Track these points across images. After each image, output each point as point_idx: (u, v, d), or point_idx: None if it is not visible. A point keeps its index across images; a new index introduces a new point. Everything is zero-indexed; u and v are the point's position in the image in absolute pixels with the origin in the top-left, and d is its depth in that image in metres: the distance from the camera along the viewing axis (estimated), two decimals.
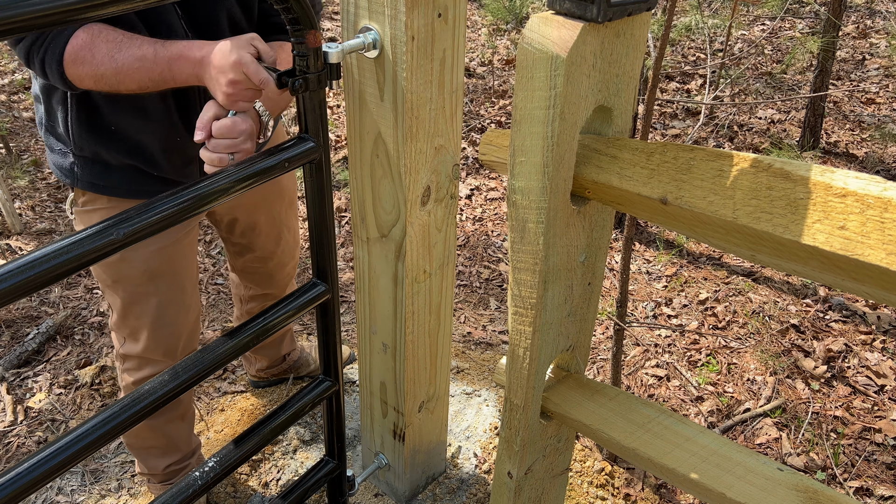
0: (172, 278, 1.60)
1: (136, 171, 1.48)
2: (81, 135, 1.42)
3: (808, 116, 3.92)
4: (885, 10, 5.96)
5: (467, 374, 2.41)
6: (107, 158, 1.45)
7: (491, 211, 3.62)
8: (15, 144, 4.23)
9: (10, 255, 3.20)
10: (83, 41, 1.24)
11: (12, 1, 0.71)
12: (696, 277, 3.04)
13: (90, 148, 1.43)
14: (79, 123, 1.40)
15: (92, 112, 1.40)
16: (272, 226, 1.86)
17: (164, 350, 1.66)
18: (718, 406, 2.38)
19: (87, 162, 1.46)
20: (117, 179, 1.47)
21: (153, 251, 1.53)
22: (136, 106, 1.39)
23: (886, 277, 0.74)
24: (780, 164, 0.82)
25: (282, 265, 1.97)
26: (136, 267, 1.54)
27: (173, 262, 1.59)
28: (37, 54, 1.25)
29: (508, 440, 1.27)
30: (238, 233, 1.83)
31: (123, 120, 1.41)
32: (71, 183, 1.49)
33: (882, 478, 2.10)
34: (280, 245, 1.91)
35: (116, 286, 1.56)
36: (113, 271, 1.54)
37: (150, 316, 1.60)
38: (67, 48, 1.24)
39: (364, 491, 1.94)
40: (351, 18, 1.25)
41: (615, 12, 0.88)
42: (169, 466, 1.86)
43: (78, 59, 1.24)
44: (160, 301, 1.59)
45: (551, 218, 1.02)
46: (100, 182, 1.47)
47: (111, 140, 1.43)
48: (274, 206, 1.83)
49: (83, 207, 1.53)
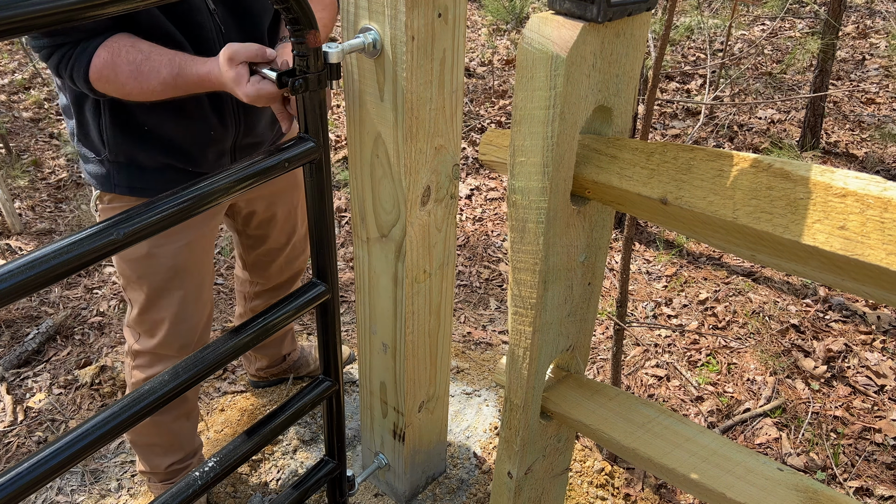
0: (196, 273, 1.63)
1: (172, 169, 1.51)
2: (116, 139, 1.45)
3: (808, 116, 3.92)
4: (884, 10, 5.96)
5: (467, 374, 2.41)
6: (142, 160, 1.48)
7: (491, 211, 3.62)
8: (15, 144, 4.23)
9: (10, 255, 3.20)
10: (104, 61, 1.28)
11: (12, 1, 0.71)
12: (696, 277, 3.04)
13: (125, 152, 1.46)
14: (113, 127, 1.44)
15: (125, 115, 1.43)
16: (288, 217, 1.89)
17: (181, 345, 1.68)
18: (718, 406, 2.38)
19: (123, 167, 1.49)
20: (152, 180, 1.51)
21: (181, 246, 1.56)
22: (169, 105, 1.41)
23: (886, 277, 0.74)
24: (780, 164, 0.82)
25: (293, 258, 2.00)
26: (163, 263, 1.56)
27: (197, 257, 1.62)
28: (65, 71, 1.31)
29: (508, 440, 1.27)
30: (254, 225, 1.86)
31: (157, 119, 1.44)
32: (109, 189, 1.52)
33: (882, 478, 2.10)
34: (293, 237, 1.95)
35: (142, 281, 1.58)
36: (140, 267, 1.56)
37: (172, 310, 1.62)
38: (91, 69, 1.28)
39: (364, 491, 1.94)
40: (351, 18, 1.25)
41: (615, 12, 0.88)
42: (171, 465, 1.86)
43: (102, 78, 1.29)
44: (183, 296, 1.62)
45: (551, 218, 1.02)
46: (137, 185, 1.51)
47: (146, 140, 1.46)
48: (292, 197, 1.86)
49: (109, 204, 1.55)
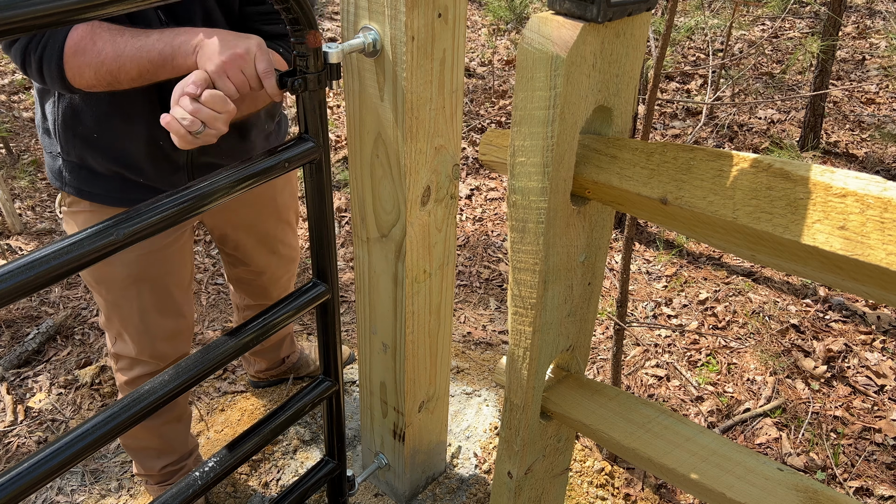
0: (156, 284, 1.58)
1: (122, 178, 1.46)
2: (67, 139, 1.41)
3: (808, 116, 3.92)
4: (885, 10, 5.96)
5: (467, 374, 2.41)
6: (93, 164, 1.44)
7: (491, 211, 3.62)
8: (15, 144, 4.23)
9: (10, 255, 3.20)
10: (83, 32, 1.23)
11: (12, 1, 0.71)
12: (696, 277, 3.04)
13: (76, 153, 1.43)
14: (64, 128, 1.40)
15: (75, 118, 1.38)
16: (262, 243, 1.83)
17: (150, 353, 1.65)
18: (718, 406, 2.38)
19: (75, 167, 1.45)
20: (102, 186, 1.46)
21: (135, 256, 1.52)
22: (120, 111, 1.37)
23: (886, 277, 0.73)
24: (780, 164, 0.82)
25: (276, 279, 1.95)
26: (117, 271, 1.53)
27: (157, 268, 1.57)
28: (34, 52, 1.23)
29: (508, 440, 1.27)
30: (230, 246, 1.82)
31: (106, 125, 1.39)
32: (60, 186, 1.48)
33: (882, 478, 2.10)
34: (273, 260, 1.89)
35: (100, 288, 1.56)
36: (96, 273, 1.54)
37: (133, 320, 1.59)
38: (68, 41, 1.22)
39: (364, 491, 1.94)
40: (351, 18, 1.25)
41: (615, 12, 0.88)
42: (165, 467, 1.86)
43: (79, 49, 1.22)
44: (142, 306, 1.58)
45: (551, 218, 1.02)
46: (85, 188, 1.46)
47: (95, 146, 1.41)
48: (265, 224, 1.80)
49: (70, 208, 1.52)
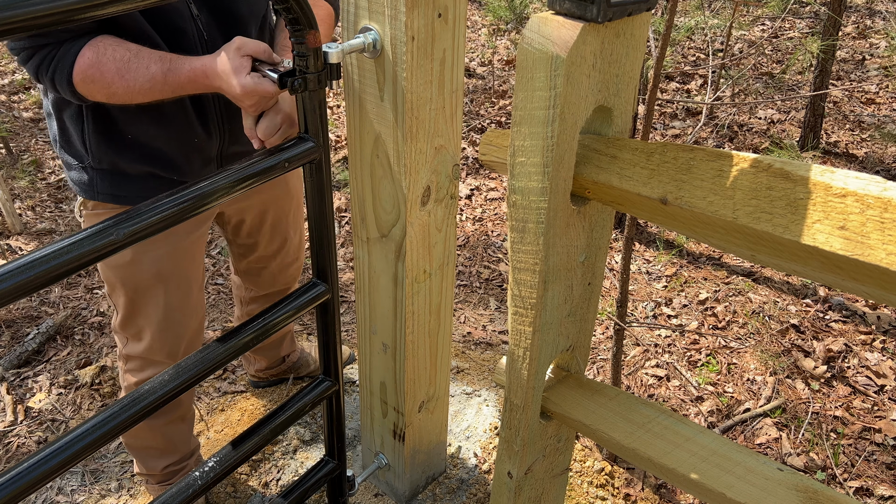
0: (181, 280, 1.60)
1: (154, 177, 1.49)
2: (99, 146, 1.42)
3: (808, 116, 3.92)
4: (884, 10, 5.96)
5: (467, 374, 2.41)
6: (125, 168, 1.46)
7: (491, 211, 3.62)
8: (15, 144, 4.23)
9: (10, 255, 3.20)
10: (89, 60, 1.23)
11: (12, 1, 0.71)
12: (696, 277, 3.04)
13: (108, 159, 1.44)
14: (96, 135, 1.41)
15: (108, 123, 1.40)
16: (279, 226, 1.86)
17: (168, 352, 1.66)
18: (718, 406, 2.38)
19: (105, 174, 1.47)
20: (135, 188, 1.48)
21: (164, 253, 1.54)
22: (152, 113, 1.40)
23: (886, 277, 0.73)
24: (780, 164, 0.82)
25: (285, 266, 1.97)
26: (145, 269, 1.54)
27: (182, 264, 1.59)
28: (45, 73, 1.25)
29: (508, 440, 1.27)
30: (244, 234, 1.84)
31: (140, 127, 1.42)
32: (91, 197, 1.49)
33: (882, 478, 2.10)
34: (285, 246, 1.92)
35: (125, 288, 1.56)
36: (122, 273, 1.54)
37: (157, 317, 1.60)
38: (75, 69, 1.24)
39: (364, 491, 1.94)
40: (351, 18, 1.25)
41: (615, 12, 0.88)
42: (167, 467, 1.86)
43: (87, 78, 1.25)
44: (167, 303, 1.60)
45: (551, 218, 1.02)
46: (120, 193, 1.48)
47: (129, 148, 1.43)
48: (283, 205, 1.84)
49: (93, 211, 1.53)
